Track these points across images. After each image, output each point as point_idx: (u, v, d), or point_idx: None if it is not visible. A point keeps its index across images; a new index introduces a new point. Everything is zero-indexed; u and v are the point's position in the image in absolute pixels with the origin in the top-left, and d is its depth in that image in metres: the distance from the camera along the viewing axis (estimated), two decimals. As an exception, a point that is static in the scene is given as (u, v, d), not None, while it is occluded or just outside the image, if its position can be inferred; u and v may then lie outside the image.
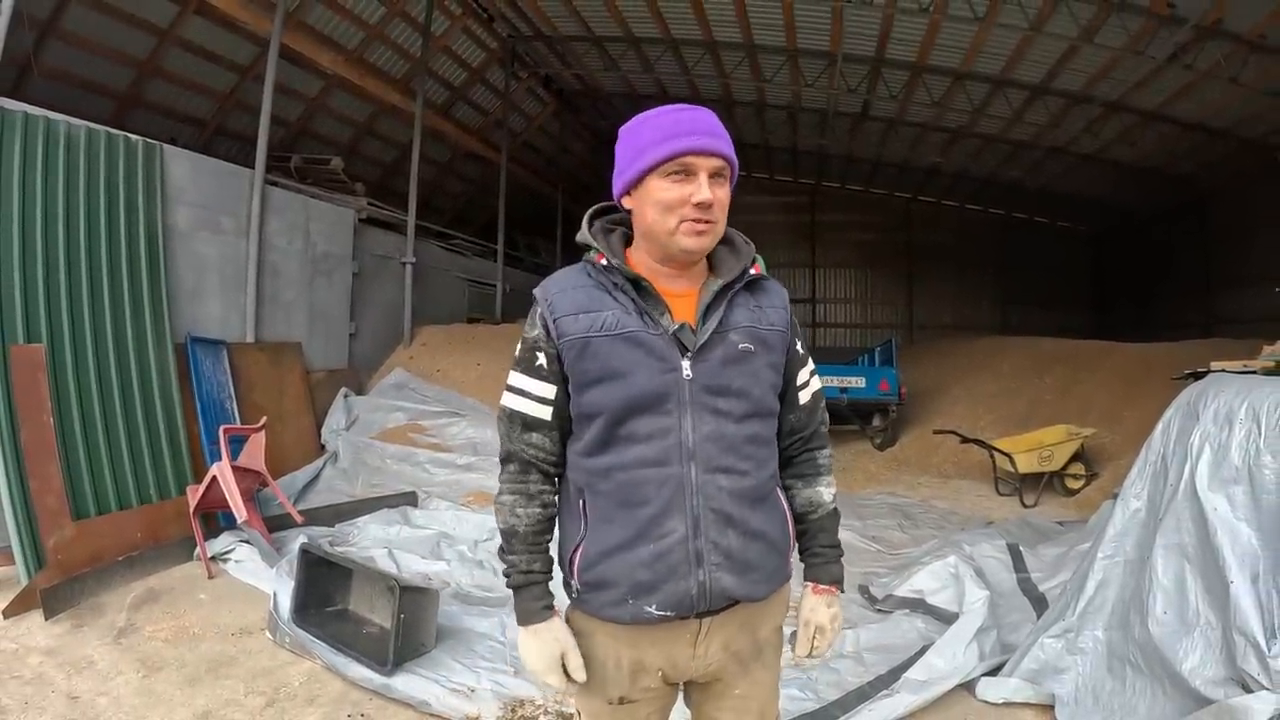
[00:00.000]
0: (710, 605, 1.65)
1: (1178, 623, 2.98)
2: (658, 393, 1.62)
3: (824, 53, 14.17)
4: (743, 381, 1.68)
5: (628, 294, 1.66)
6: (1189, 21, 10.34)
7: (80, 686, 4.00)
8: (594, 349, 1.63)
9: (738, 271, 1.73)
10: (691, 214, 1.60)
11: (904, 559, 6.17)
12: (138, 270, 7.19)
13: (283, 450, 8.37)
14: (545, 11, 14.82)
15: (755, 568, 1.69)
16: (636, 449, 1.62)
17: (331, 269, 10.94)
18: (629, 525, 1.62)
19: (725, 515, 1.64)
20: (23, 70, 9.32)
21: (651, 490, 1.61)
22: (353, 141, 15.81)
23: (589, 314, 1.65)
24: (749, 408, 1.69)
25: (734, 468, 1.65)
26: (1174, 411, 3.60)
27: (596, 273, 1.71)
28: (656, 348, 1.63)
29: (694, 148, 1.59)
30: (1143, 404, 9.63)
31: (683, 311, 1.68)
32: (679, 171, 1.61)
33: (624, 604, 1.63)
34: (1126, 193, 19.13)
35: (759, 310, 1.75)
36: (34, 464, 5.63)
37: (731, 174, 1.68)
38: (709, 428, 1.63)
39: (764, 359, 1.73)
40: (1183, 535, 3.12)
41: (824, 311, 25.16)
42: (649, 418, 1.62)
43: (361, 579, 4.74)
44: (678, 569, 1.61)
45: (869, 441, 12.71)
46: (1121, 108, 14.10)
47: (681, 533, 1.61)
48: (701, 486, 1.62)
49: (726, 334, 1.68)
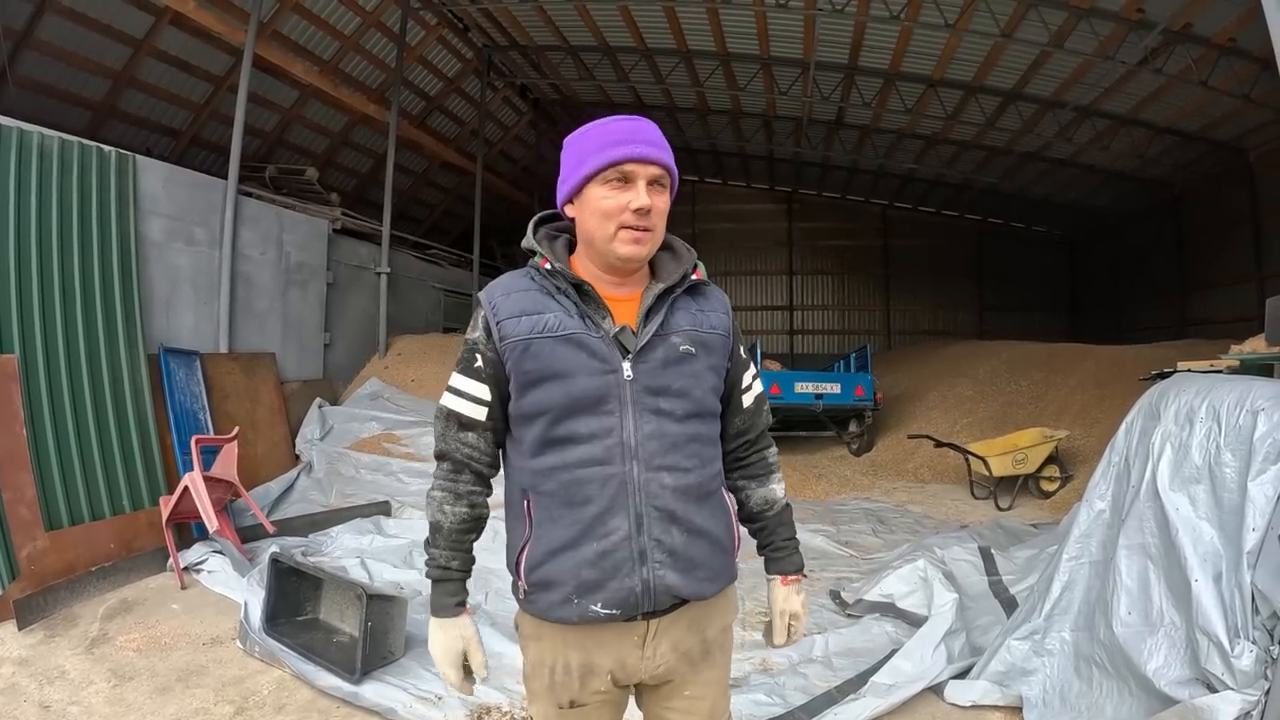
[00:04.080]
0: (656, 604, 1.67)
1: (1142, 623, 3.00)
2: (598, 393, 1.65)
3: (797, 61, 14.26)
4: (683, 382, 1.71)
5: (570, 298, 1.70)
6: (1159, 26, 10.47)
7: (52, 696, 4.03)
8: (535, 350, 1.66)
9: (678, 276, 1.77)
10: (630, 220, 1.64)
11: (876, 563, 6.19)
12: (110, 281, 7.14)
13: (256, 461, 8.35)
14: (521, 22, 14.84)
15: (700, 565, 1.71)
16: (579, 449, 1.65)
17: (305, 279, 10.88)
18: (573, 525, 1.64)
19: (668, 513, 1.66)
20: (-2, 81, 9.23)
21: (595, 489, 1.63)
22: (329, 152, 15.73)
23: (531, 316, 1.68)
24: (690, 408, 1.72)
25: (677, 465, 1.68)
26: (1136, 412, 3.63)
27: (540, 277, 1.74)
28: (597, 349, 1.66)
29: (633, 155, 1.63)
30: (1116, 406, 9.66)
31: (624, 315, 1.72)
32: (618, 179, 1.64)
33: (570, 603, 1.65)
34: (1100, 197, 19.36)
35: (700, 314, 1.79)
36: (6, 474, 5.63)
37: (672, 184, 1.72)
38: (650, 426, 1.66)
39: (705, 361, 1.76)
40: (1145, 536, 3.14)
41: (802, 318, 25.16)
42: (590, 418, 1.65)
43: (331, 588, 4.76)
44: (622, 566, 1.63)
45: (845, 447, 12.72)
46: (1094, 112, 14.27)
47: (625, 530, 1.64)
48: (644, 485, 1.65)
49: (667, 336, 1.72)
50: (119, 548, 6.20)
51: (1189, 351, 9.74)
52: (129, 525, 6.44)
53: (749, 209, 25.21)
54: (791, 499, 8.09)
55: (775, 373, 12.57)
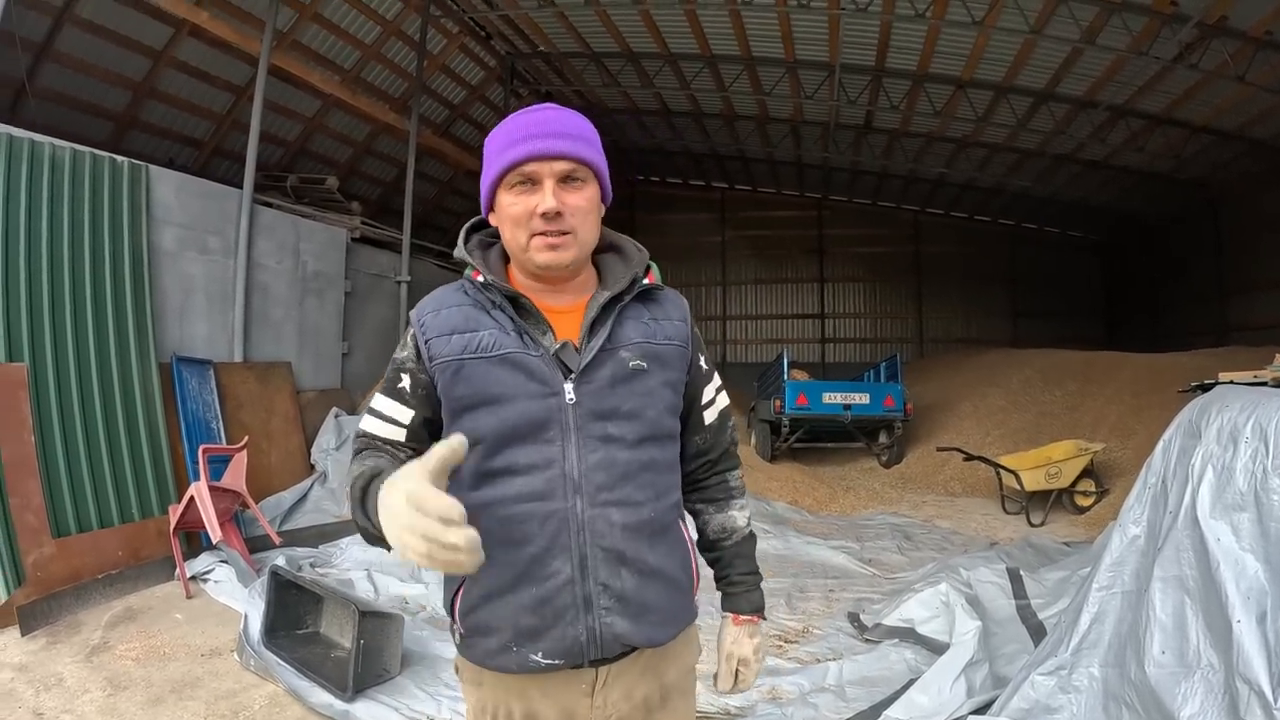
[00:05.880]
0: (604, 652, 1.48)
1: (1177, 664, 2.73)
2: (537, 419, 1.46)
3: (823, 64, 14.06)
4: (634, 403, 1.52)
5: (506, 312, 1.52)
6: (1192, 19, 10.14)
7: (46, 704, 4.07)
8: (467, 372, 1.48)
9: (626, 281, 1.58)
10: (539, 226, 1.46)
11: (899, 584, 5.98)
12: (122, 290, 7.18)
13: (270, 470, 8.32)
14: (543, 28, 14.76)
15: (653, 609, 1.51)
16: (516, 482, 1.45)
17: (323, 288, 10.84)
18: (510, 566, 1.45)
19: (617, 553, 1.47)
20: (18, 93, 9.30)
21: (533, 527, 1.44)
22: (352, 161, 15.76)
23: (463, 334, 1.51)
24: (643, 431, 1.53)
25: (628, 499, 1.49)
26: (1175, 429, 3.35)
27: (474, 290, 1.56)
28: (535, 370, 1.48)
29: (532, 153, 1.46)
30: (1154, 417, 9.41)
31: (566, 329, 1.54)
32: (521, 182, 1.48)
33: (508, 652, 1.46)
34: (1135, 199, 18.92)
35: (654, 323, 1.60)
36: (14, 481, 5.74)
37: (597, 175, 1.54)
38: (597, 456, 1.47)
39: (659, 377, 1.57)
40: (1183, 567, 2.85)
41: (833, 327, 24.93)
42: (528, 447, 1.46)
43: (330, 602, 4.69)
44: (564, 614, 1.45)
45: (874, 459, 12.53)
46: (1128, 112, 13.92)
47: (567, 574, 1.44)
48: (589, 522, 1.45)
49: (615, 351, 1.53)
50: (127, 556, 6.25)
51: (1230, 360, 9.44)
52: (137, 533, 6.47)
53: (778, 216, 25.01)
54: (818, 512, 7.87)
55: (803, 383, 12.48)
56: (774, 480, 10.34)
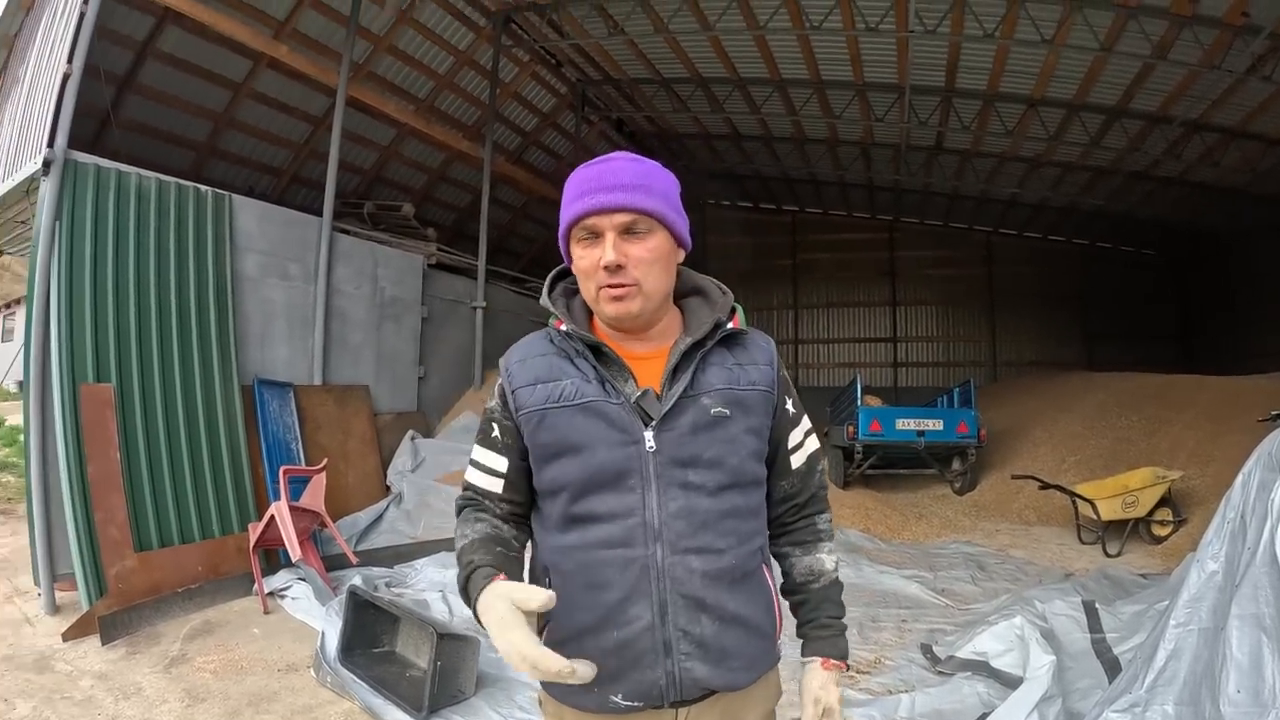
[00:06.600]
0: (683, 695, 1.50)
1: (1252, 703, 2.63)
2: (617, 468, 1.49)
3: (893, 85, 13.94)
4: (716, 450, 1.53)
5: (588, 360, 1.54)
6: (1265, 30, 9.83)
7: (126, 712, 4.17)
8: (550, 421, 1.52)
9: (710, 326, 1.58)
10: (604, 279, 1.49)
11: (973, 615, 5.84)
12: (206, 315, 7.45)
13: (346, 491, 8.50)
14: (613, 56, 14.92)
15: (732, 655, 1.52)
16: (598, 529, 1.49)
17: (400, 314, 11.09)
18: (592, 610, 1.48)
19: (696, 600, 1.48)
20: (102, 123, 9.70)
21: (614, 573, 1.47)
22: (426, 187, 16.12)
23: (547, 384, 1.55)
24: (725, 479, 1.53)
25: (709, 547, 1.50)
26: (1255, 462, 3.22)
27: (559, 339, 1.59)
28: (615, 418, 1.50)
29: (590, 208, 1.49)
30: (1233, 443, 9.06)
31: (648, 376, 1.55)
32: (585, 236, 1.51)
33: (589, 692, 1.48)
34: (1211, 215, 18.25)
35: (738, 368, 1.60)
36: (99, 496, 6.00)
37: (666, 223, 1.54)
38: (678, 504, 1.49)
39: (742, 423, 1.57)
40: (1260, 605, 2.76)
41: (905, 351, 24.54)
42: (609, 495, 1.49)
43: (407, 622, 4.75)
44: (643, 657, 1.47)
45: (948, 486, 12.30)
46: (1202, 126, 13.50)
47: (647, 620, 1.46)
48: (669, 569, 1.47)
49: (697, 398, 1.53)
50: (206, 571, 6.43)
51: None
52: (217, 549, 6.67)
53: (849, 239, 24.75)
54: (890, 540, 7.77)
55: (876, 409, 12.31)
56: (846, 507, 10.22)
